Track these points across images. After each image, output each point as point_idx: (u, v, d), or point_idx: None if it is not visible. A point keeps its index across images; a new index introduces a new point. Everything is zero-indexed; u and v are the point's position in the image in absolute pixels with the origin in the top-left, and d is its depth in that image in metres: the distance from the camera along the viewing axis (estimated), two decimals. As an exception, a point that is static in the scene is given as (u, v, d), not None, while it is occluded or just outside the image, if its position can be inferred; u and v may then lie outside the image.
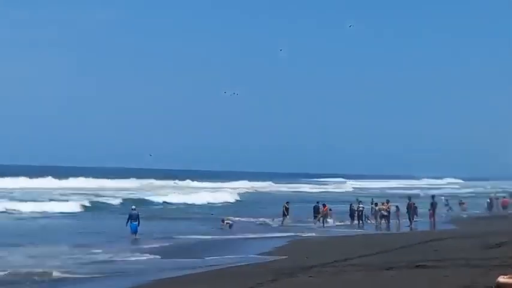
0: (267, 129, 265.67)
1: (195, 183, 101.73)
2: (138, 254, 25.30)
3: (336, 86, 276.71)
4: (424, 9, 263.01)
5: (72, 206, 49.70)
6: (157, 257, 24.70)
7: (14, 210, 46.19)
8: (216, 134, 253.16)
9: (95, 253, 25.38)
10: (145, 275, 20.08)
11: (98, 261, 23.40)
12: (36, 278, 19.26)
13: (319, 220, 41.86)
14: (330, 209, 43.34)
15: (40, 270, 20.38)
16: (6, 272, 20.03)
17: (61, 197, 58.26)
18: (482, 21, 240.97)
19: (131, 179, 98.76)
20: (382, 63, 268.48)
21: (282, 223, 41.46)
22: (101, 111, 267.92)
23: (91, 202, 53.99)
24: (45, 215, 44.51)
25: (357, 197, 54.52)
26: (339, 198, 68.16)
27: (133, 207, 35.27)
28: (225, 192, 74.58)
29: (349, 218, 43.31)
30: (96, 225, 38.49)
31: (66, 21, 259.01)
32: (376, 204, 43.98)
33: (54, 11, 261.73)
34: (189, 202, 61.94)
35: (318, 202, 43.73)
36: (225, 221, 37.43)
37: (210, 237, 32.70)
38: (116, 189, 78.03)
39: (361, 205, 43.39)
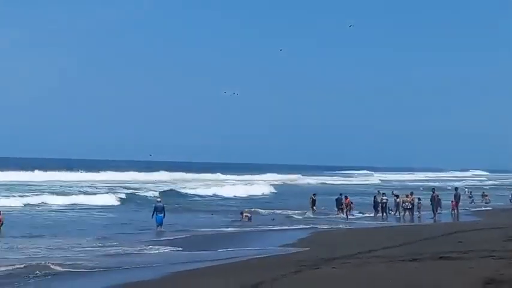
0: (295, 123, 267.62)
1: (226, 176, 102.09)
2: (158, 246, 25.23)
3: (363, 82, 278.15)
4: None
5: (110, 199, 49.78)
6: (179, 249, 24.68)
7: (46, 203, 46.02)
8: (243, 128, 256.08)
9: (112, 246, 25.30)
10: (165, 268, 20.07)
11: (112, 254, 23.17)
12: (38, 272, 18.80)
13: (342, 212, 41.94)
14: (351, 202, 43.31)
15: (45, 262, 20.12)
16: (11, 266, 19.79)
17: (97, 190, 58.38)
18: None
19: (160, 171, 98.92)
20: (416, 60, 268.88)
21: (309, 214, 41.72)
22: (131, 107, 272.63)
23: (127, 195, 54.14)
24: (81, 208, 44.54)
25: (379, 189, 54.23)
26: (365, 191, 68.07)
27: (159, 199, 35.43)
28: (261, 185, 75.11)
29: (373, 210, 43.25)
30: (126, 217, 38.34)
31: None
32: (397, 196, 43.82)
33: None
34: (225, 195, 62.22)
35: (340, 194, 43.87)
36: (244, 214, 37.41)
37: (232, 229, 32.75)
38: (146, 181, 79.06)
39: (384, 197, 43.21)
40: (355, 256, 20.18)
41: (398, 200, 43.12)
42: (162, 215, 31.90)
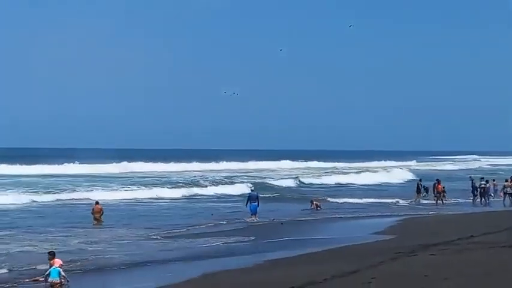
0: (412, 109, 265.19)
1: (342, 164, 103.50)
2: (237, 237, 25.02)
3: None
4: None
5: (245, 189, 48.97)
6: (251, 238, 24.74)
7: (159, 197, 44.22)
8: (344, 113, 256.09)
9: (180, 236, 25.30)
10: (256, 256, 20.09)
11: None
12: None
13: (438, 198, 41.06)
14: (444, 187, 42.22)
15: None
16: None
17: (230, 180, 58.47)
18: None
19: (249, 162, 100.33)
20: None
21: (415, 201, 41.31)
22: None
23: (255, 184, 52.60)
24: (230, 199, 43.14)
25: (470, 175, 52.63)
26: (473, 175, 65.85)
27: (252, 188, 35.53)
28: (400, 172, 75.02)
29: (472, 195, 42.09)
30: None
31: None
32: (487, 182, 42.37)
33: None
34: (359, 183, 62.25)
35: (436, 180, 42.79)
36: (314, 202, 37.10)
37: (315, 217, 32.57)
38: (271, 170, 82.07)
39: (483, 182, 41.89)
40: (455, 242, 19.46)
41: (487, 185, 41.76)
42: (256, 203, 31.96)
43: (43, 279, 16.36)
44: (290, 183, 58.81)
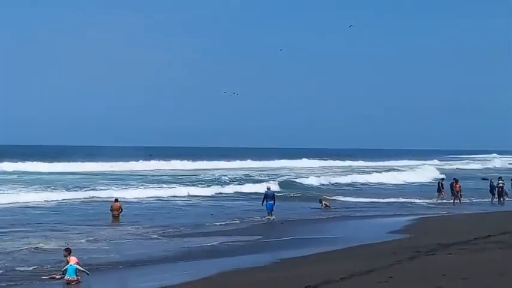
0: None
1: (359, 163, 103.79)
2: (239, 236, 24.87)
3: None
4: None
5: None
6: (259, 237, 24.71)
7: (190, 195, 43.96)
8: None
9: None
10: (274, 254, 20.08)
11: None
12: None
13: (455, 197, 40.74)
14: (460, 186, 41.85)
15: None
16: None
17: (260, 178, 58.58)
18: None
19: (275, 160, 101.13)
20: None
21: (437, 200, 41.35)
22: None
23: (282, 182, 53.45)
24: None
25: (487, 175, 52.33)
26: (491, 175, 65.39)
27: (268, 186, 35.61)
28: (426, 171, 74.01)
29: (490, 195, 41.78)
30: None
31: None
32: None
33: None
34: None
35: (454, 179, 42.48)
36: (323, 202, 36.97)
37: (328, 216, 32.61)
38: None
39: (501, 181, 41.55)
40: (472, 242, 19.27)
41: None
42: (272, 202, 31.86)
43: (59, 276, 16.40)
44: (316, 181, 57.89)
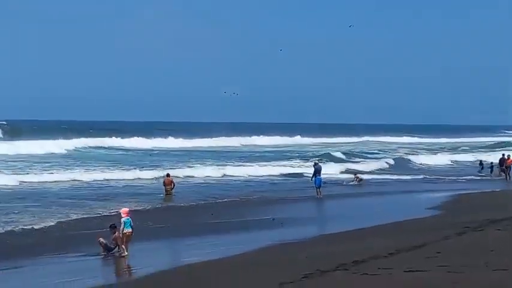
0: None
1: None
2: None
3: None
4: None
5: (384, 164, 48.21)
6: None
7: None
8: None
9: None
10: (316, 228, 19.95)
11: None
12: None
13: (504, 173, 39.75)
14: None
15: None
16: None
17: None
18: None
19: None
20: None
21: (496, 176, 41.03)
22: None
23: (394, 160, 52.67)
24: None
25: None
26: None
27: (316, 160, 34.68)
28: None
29: None
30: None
31: None
32: None
33: None
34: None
35: (503, 154, 41.45)
36: (356, 175, 36.42)
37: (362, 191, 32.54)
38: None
39: None
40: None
41: None
42: (321, 177, 30.82)
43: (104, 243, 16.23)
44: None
